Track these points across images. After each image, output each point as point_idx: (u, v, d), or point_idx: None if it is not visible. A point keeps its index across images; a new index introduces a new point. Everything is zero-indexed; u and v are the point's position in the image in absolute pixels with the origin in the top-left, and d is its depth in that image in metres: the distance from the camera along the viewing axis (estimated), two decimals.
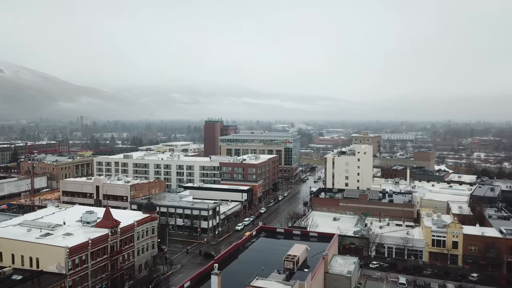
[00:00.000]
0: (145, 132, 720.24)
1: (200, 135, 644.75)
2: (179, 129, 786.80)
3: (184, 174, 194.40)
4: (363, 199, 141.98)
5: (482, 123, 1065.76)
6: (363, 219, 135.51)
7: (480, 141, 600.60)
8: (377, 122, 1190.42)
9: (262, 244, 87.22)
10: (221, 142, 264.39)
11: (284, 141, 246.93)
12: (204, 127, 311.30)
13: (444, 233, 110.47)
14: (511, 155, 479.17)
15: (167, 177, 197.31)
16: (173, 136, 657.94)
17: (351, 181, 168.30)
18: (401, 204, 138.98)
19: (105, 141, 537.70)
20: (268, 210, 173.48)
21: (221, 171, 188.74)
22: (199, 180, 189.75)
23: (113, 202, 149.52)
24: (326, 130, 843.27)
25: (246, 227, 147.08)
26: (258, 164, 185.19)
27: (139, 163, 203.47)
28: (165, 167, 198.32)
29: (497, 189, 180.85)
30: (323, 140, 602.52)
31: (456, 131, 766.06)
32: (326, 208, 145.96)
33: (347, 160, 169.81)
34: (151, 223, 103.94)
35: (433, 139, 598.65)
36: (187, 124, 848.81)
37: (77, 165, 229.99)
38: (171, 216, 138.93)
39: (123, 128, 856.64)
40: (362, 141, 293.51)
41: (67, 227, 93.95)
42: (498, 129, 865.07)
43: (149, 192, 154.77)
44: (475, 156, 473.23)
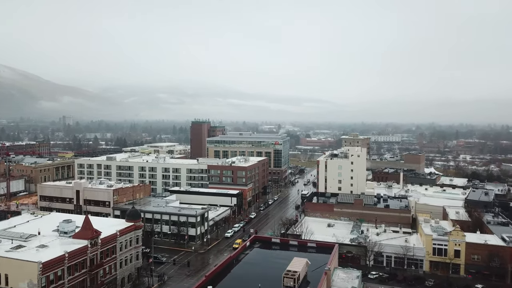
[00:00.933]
0: (129, 133, 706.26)
1: (186, 136, 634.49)
2: (164, 130, 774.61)
3: (170, 177, 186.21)
4: (358, 205, 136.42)
5: (465, 125, 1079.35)
6: (358, 225, 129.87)
7: (465, 144, 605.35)
8: (363, 124, 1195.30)
9: (257, 257, 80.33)
10: (208, 144, 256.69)
11: (273, 143, 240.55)
12: (191, 128, 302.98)
13: (445, 242, 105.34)
14: (496, 157, 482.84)
15: (152, 180, 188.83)
16: (158, 137, 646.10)
17: (344, 185, 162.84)
18: (397, 210, 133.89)
19: (88, 142, 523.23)
20: (259, 215, 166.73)
21: (209, 174, 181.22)
22: (186, 183, 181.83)
23: (95, 208, 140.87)
24: (312, 132, 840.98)
25: (236, 233, 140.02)
26: (248, 167, 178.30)
27: (123, 165, 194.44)
28: (150, 170, 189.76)
29: (491, 193, 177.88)
30: (310, 141, 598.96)
31: (441, 133, 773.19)
32: (319, 213, 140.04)
33: (340, 163, 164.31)
34: (135, 232, 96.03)
35: (419, 141, 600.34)
36: (173, 124, 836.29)
37: (57, 167, 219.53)
38: (157, 223, 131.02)
39: (107, 129, 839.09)
40: (351, 143, 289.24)
41: (42, 237, 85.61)
42: (482, 132, 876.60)
43: (133, 197, 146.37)
44: (461, 159, 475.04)
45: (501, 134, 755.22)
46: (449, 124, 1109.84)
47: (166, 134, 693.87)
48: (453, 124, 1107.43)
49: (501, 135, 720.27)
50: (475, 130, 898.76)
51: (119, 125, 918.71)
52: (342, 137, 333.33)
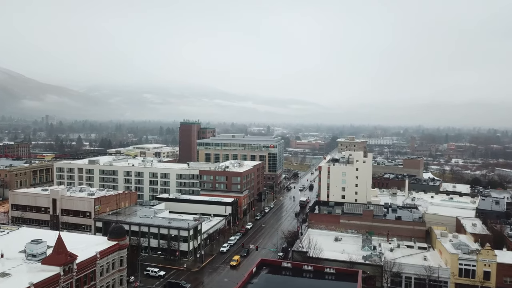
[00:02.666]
0: (114, 133, 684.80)
1: (173, 137, 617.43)
2: (150, 131, 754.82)
3: (159, 183, 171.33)
4: (367, 216, 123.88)
5: (451, 128, 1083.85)
6: (369, 239, 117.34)
7: (456, 147, 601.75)
8: (351, 126, 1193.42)
9: (267, 286, 66.77)
10: (199, 146, 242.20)
11: (268, 146, 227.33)
12: (180, 129, 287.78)
13: (473, 262, 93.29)
14: (488, 161, 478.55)
15: (139, 186, 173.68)
16: (144, 137, 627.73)
17: (348, 193, 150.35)
18: (411, 222, 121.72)
19: (71, 142, 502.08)
20: (255, 225, 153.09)
21: (201, 180, 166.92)
22: (175, 190, 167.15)
23: (74, 219, 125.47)
24: (301, 134, 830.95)
25: (232, 247, 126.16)
26: (243, 172, 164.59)
27: (107, 170, 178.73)
28: (137, 175, 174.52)
29: (502, 202, 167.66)
30: (301, 144, 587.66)
31: (431, 136, 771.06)
32: (324, 225, 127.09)
33: (344, 169, 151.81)
34: (119, 252, 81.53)
35: (411, 145, 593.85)
36: (159, 125, 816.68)
37: (35, 171, 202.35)
38: (144, 237, 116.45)
39: (91, 129, 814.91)
40: (348, 147, 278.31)
41: (5, 261, 70.94)
42: (469, 135, 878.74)
43: (117, 206, 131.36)
44: (453, 163, 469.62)
45: (490, 138, 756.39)
46: (436, 127, 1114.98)
47: (153, 135, 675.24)
48: (439, 127, 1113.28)
49: (491, 139, 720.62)
50: (463, 134, 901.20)
51: (104, 125, 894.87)
52: (338, 140, 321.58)
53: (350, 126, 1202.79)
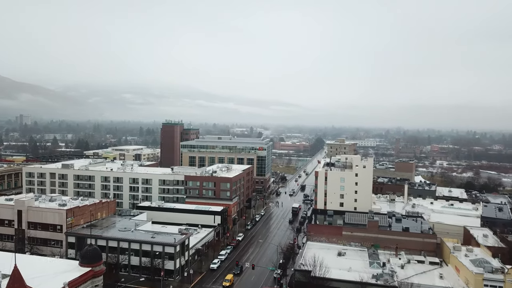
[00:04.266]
0: (92, 134, 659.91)
1: (153, 138, 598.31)
2: (130, 131, 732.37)
3: (140, 189, 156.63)
4: (372, 227, 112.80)
5: (431, 130, 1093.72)
6: (375, 254, 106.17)
7: (440, 149, 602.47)
8: (333, 128, 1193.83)
9: None
10: (182, 148, 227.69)
11: (256, 148, 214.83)
12: (161, 131, 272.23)
13: (500, 282, 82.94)
14: (472, 163, 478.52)
15: (118, 193, 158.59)
16: (123, 138, 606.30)
17: (347, 201, 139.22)
18: (420, 234, 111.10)
19: (46, 143, 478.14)
20: (247, 236, 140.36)
21: (187, 186, 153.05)
22: (158, 197, 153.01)
23: (42, 233, 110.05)
24: (285, 135, 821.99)
25: (224, 263, 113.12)
26: (233, 178, 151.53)
27: (82, 175, 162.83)
28: (115, 181, 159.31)
29: (506, 208, 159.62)
30: (285, 145, 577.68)
31: (414, 138, 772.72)
32: (325, 237, 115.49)
33: (342, 175, 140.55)
34: (93, 281, 67.62)
35: (395, 146, 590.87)
36: (139, 125, 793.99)
37: (2, 176, 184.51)
38: (124, 254, 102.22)
39: (68, 129, 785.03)
40: (337, 149, 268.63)
41: None
42: (448, 137, 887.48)
43: (93, 217, 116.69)
44: (438, 164, 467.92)
45: (471, 140, 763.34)
46: (416, 129, 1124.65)
47: (132, 136, 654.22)
48: (419, 129, 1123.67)
49: (472, 141, 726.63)
50: (444, 135, 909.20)
51: (82, 126, 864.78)
52: (327, 142, 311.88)
53: (332, 127, 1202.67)
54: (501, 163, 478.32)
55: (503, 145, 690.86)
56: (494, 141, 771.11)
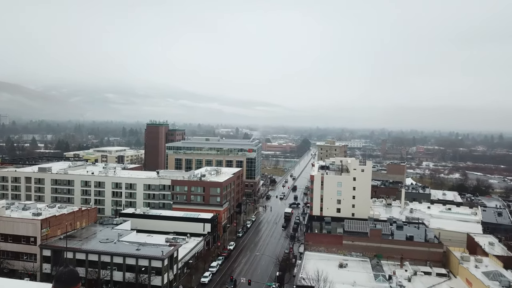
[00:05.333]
0: (73, 135, 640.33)
1: (137, 138, 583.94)
2: (112, 132, 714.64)
3: (123, 195, 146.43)
4: (375, 236, 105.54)
5: (414, 131, 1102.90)
6: (379, 265, 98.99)
7: (425, 150, 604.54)
8: (317, 129, 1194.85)
9: None
10: (168, 150, 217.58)
11: (246, 150, 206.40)
12: (146, 131, 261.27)
13: None
14: (458, 164, 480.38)
15: (99, 199, 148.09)
16: (106, 139, 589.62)
17: (344, 207, 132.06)
18: (426, 244, 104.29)
19: (24, 144, 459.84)
20: (238, 245, 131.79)
21: (174, 191, 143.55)
22: (142, 203, 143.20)
23: (14, 246, 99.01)
24: (271, 136, 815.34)
25: (215, 276, 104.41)
26: (224, 182, 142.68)
27: (61, 179, 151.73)
28: (97, 185, 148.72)
29: (505, 213, 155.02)
30: (271, 146, 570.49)
31: (399, 139, 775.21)
32: (324, 247, 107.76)
33: (340, 179, 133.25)
34: None
35: (382, 147, 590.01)
36: (122, 126, 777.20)
37: None
38: (106, 268, 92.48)
39: (48, 129, 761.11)
40: (328, 151, 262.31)
41: None
42: (431, 137, 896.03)
43: (71, 227, 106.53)
44: (424, 166, 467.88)
45: (455, 141, 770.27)
46: (399, 130, 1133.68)
47: (115, 137, 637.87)
48: (402, 130, 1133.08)
49: (456, 142, 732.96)
50: (428, 137, 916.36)
51: (62, 126, 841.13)
52: (317, 144, 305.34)
53: (316, 128, 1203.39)
54: (486, 164, 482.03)
55: (486, 146, 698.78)
56: (476, 142, 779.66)
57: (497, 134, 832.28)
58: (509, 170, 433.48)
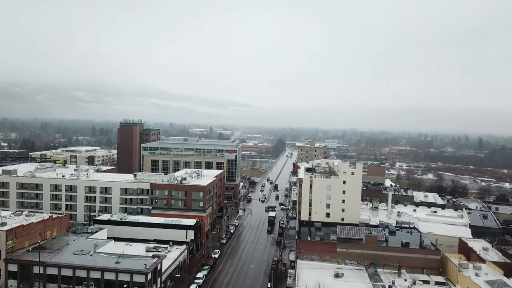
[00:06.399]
0: (39, 133, 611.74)
1: (107, 138, 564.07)
2: (81, 131, 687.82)
3: (97, 199, 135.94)
4: (371, 243, 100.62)
5: (384, 132, 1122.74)
6: (376, 274, 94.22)
7: (398, 151, 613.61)
8: (290, 129, 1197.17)
9: None
10: (143, 151, 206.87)
11: (226, 151, 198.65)
12: (119, 131, 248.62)
13: None
14: (430, 165, 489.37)
15: (71, 204, 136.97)
16: (74, 138, 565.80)
17: (333, 211, 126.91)
18: (423, 250, 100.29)
19: None
20: (223, 253, 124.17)
21: (153, 196, 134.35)
22: (119, 208, 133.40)
23: None
24: (245, 136, 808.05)
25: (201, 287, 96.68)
26: (207, 186, 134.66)
27: (28, 183, 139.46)
28: (68, 189, 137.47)
29: (490, 216, 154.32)
30: (247, 146, 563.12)
31: (372, 140, 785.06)
32: (317, 255, 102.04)
33: (329, 183, 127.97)
34: None
35: (356, 148, 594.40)
36: (91, 125, 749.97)
37: None
38: (81, 284, 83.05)
39: (11, 128, 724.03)
40: (308, 152, 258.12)
41: None
42: (401, 138, 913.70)
43: (41, 237, 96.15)
44: (398, 166, 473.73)
45: (425, 142, 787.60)
46: (370, 131, 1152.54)
47: (84, 136, 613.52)
48: (372, 131, 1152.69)
49: (426, 143, 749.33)
50: (397, 137, 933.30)
51: (27, 124, 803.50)
52: (297, 144, 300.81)
53: (289, 128, 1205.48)
54: (456, 165, 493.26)
55: (454, 147, 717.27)
56: (445, 143, 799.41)
57: (463, 135, 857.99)
58: (479, 171, 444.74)
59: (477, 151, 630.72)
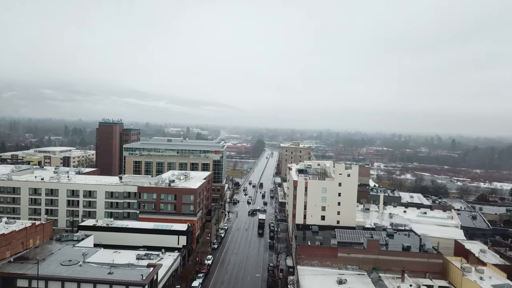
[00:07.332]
0: (9, 133, 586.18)
1: (81, 138, 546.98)
2: (53, 131, 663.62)
3: (80, 204, 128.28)
4: (373, 248, 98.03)
5: (358, 132, 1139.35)
6: (381, 280, 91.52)
7: (375, 151, 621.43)
8: (268, 129, 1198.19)
9: None
10: (125, 152, 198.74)
11: (212, 152, 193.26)
12: (98, 131, 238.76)
13: None
14: (407, 165, 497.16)
15: (51, 209, 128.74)
16: (46, 138, 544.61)
17: (329, 214, 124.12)
18: (425, 254, 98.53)
19: None
20: (216, 259, 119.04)
21: (140, 199, 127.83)
22: (104, 213, 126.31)
23: None
24: (224, 136, 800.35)
25: None
26: (198, 188, 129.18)
27: (3, 186, 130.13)
28: (49, 193, 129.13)
29: (479, 217, 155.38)
30: (227, 147, 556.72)
31: (350, 140, 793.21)
32: (317, 260, 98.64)
33: (324, 185, 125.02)
34: None
35: (335, 148, 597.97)
36: (63, 124, 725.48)
37: None
38: None
39: None
40: (293, 152, 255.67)
41: None
42: (377, 139, 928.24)
43: (24, 246, 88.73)
44: (376, 166, 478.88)
45: (399, 142, 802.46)
46: (345, 131, 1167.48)
47: (57, 136, 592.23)
48: (347, 131, 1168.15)
49: (400, 144, 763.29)
50: (372, 138, 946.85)
51: None
52: (281, 145, 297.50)
53: (266, 129, 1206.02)
54: (432, 165, 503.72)
55: (428, 147, 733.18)
56: (419, 144, 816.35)
57: (435, 136, 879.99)
58: (453, 171, 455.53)
59: (450, 152, 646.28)
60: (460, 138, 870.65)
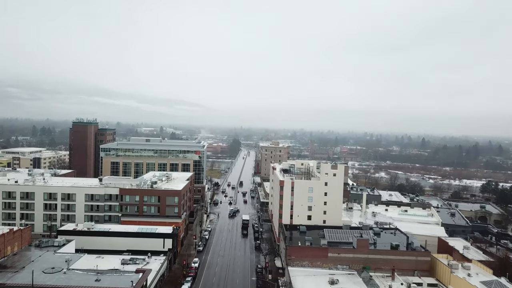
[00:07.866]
0: None
1: (50, 138, 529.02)
2: (20, 131, 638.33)
3: (58, 207, 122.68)
4: (363, 247, 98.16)
5: (331, 132, 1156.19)
6: (372, 279, 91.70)
7: (349, 150, 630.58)
8: (242, 129, 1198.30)
9: None
10: (102, 153, 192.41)
11: (193, 152, 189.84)
12: (71, 131, 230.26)
13: None
14: (380, 164, 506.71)
15: (27, 213, 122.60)
16: (13, 139, 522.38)
17: (315, 214, 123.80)
18: (413, 252, 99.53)
19: None
20: (203, 262, 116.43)
21: (122, 202, 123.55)
22: (84, 217, 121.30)
23: None
24: (199, 136, 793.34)
25: None
26: (182, 190, 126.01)
27: None
28: (24, 197, 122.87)
29: (457, 214, 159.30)
30: None
31: (324, 140, 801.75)
32: (308, 261, 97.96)
33: (311, 185, 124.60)
34: None
35: (310, 148, 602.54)
36: (31, 124, 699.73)
37: None
38: None
39: None
40: (273, 152, 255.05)
41: None
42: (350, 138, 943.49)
43: (1, 254, 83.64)
44: (350, 165, 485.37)
45: (372, 141, 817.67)
46: (318, 130, 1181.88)
47: (24, 136, 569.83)
48: (319, 130, 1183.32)
49: (373, 143, 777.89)
50: (345, 137, 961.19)
51: None
52: (261, 145, 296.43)
53: (241, 128, 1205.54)
54: (404, 163, 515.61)
55: (399, 146, 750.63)
56: (390, 143, 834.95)
57: (405, 135, 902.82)
58: (424, 169, 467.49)
59: (420, 150, 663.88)
60: (429, 137, 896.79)
